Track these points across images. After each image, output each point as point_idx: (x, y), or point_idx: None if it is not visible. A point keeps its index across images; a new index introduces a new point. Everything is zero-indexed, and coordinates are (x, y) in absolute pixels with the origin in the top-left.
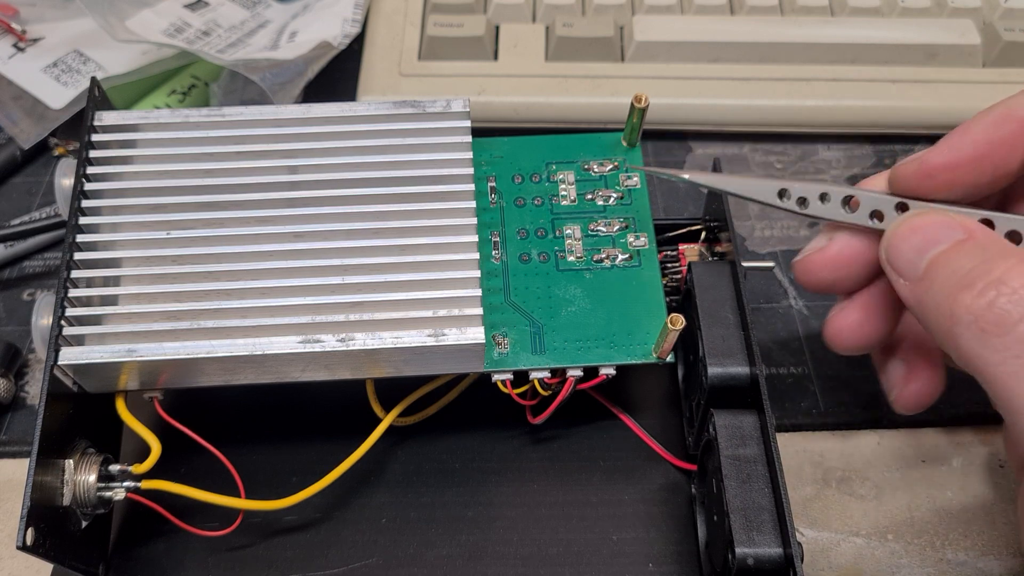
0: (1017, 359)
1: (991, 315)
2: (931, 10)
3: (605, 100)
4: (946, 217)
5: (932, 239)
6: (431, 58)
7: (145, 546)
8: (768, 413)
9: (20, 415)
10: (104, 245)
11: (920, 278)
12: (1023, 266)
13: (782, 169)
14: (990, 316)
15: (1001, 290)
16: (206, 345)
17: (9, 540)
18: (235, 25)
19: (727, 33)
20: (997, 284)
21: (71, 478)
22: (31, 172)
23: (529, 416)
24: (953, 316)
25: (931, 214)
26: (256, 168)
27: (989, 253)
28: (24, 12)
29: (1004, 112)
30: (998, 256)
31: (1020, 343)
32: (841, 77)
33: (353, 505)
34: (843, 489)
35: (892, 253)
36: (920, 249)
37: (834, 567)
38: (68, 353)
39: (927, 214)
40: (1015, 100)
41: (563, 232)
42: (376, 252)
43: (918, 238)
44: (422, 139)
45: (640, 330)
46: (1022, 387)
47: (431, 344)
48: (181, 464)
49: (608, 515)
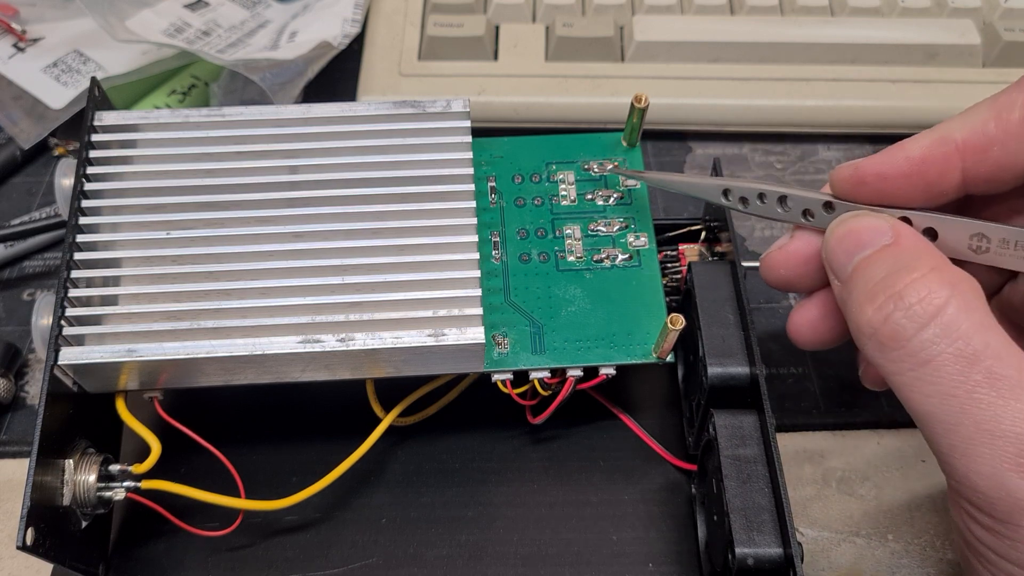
0: (912, 371)
1: (887, 329)
2: (931, 10)
3: (605, 100)
4: (879, 221)
5: (861, 242)
6: (431, 58)
7: (145, 546)
8: (768, 413)
9: (20, 415)
10: (104, 245)
11: (846, 281)
12: (927, 279)
13: (782, 169)
14: (886, 330)
15: (898, 304)
16: (206, 345)
17: (9, 540)
18: (235, 25)
19: (727, 33)
20: (895, 299)
21: (71, 478)
22: (31, 172)
23: (529, 416)
24: (858, 326)
25: (866, 217)
26: (256, 168)
27: (900, 263)
28: (24, 12)
29: (942, 135)
30: (905, 268)
31: (913, 357)
32: (841, 77)
33: (353, 505)
34: (843, 489)
35: (828, 254)
36: (850, 252)
37: (834, 567)
38: (68, 353)
39: (863, 216)
40: (954, 124)
41: (563, 232)
42: (376, 252)
43: (850, 241)
44: (422, 139)
45: (640, 330)
46: (917, 396)
47: (431, 344)
48: (181, 464)
49: (608, 515)
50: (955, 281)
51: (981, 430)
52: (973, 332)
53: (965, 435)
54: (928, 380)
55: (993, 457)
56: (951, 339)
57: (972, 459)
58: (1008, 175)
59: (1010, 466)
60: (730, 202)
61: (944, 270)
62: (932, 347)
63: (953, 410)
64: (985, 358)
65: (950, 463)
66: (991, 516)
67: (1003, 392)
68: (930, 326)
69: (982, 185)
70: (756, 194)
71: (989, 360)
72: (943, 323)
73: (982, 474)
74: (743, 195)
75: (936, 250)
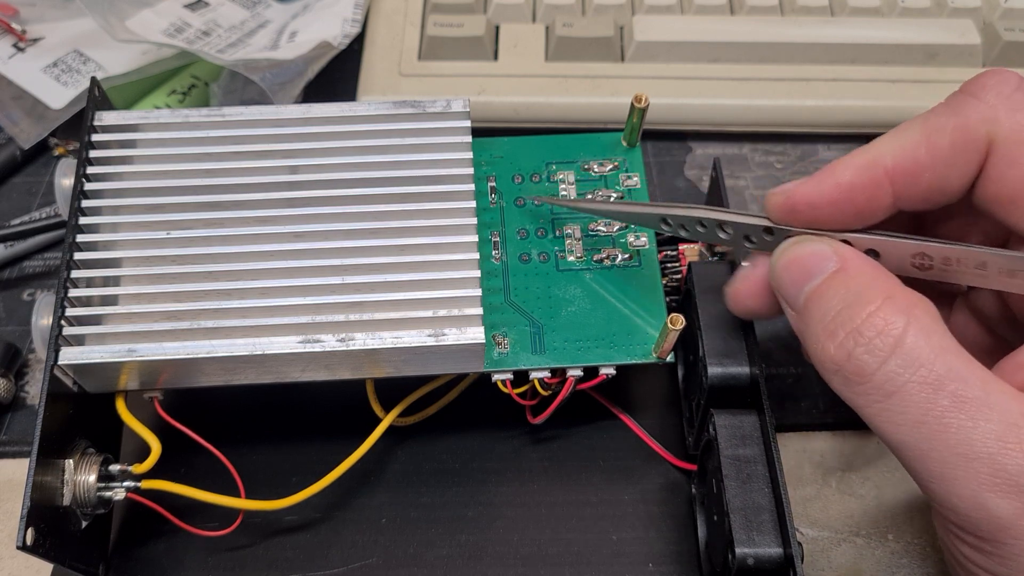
0: (879, 403)
1: (851, 366)
2: (931, 10)
3: (605, 100)
4: (822, 247)
5: (807, 271)
6: (431, 58)
7: (145, 546)
8: (768, 413)
9: (20, 415)
10: (104, 245)
11: (800, 312)
12: (882, 310)
13: (782, 169)
14: (850, 367)
15: (858, 341)
16: (206, 345)
17: (9, 540)
18: (235, 25)
19: (727, 33)
20: (855, 335)
21: (71, 478)
22: (31, 172)
23: (529, 416)
24: (821, 363)
25: (808, 243)
26: (256, 168)
27: (853, 295)
28: (24, 12)
29: (872, 158)
30: (859, 301)
31: (879, 389)
32: (841, 77)
33: (353, 505)
34: (843, 489)
35: (776, 283)
36: (798, 282)
37: (834, 567)
38: (68, 353)
39: (805, 243)
40: (884, 147)
41: (563, 232)
42: (376, 252)
43: (796, 270)
44: (422, 139)
45: (640, 330)
46: (887, 426)
47: (431, 344)
48: (181, 464)
49: (608, 515)
50: (910, 307)
51: (955, 454)
52: (934, 358)
53: (940, 460)
54: (896, 410)
55: (969, 480)
56: (913, 368)
57: (950, 483)
58: (941, 197)
59: (987, 487)
60: (670, 228)
61: (898, 297)
62: (897, 378)
63: (925, 437)
64: (949, 382)
65: (929, 488)
66: (976, 536)
67: (971, 414)
68: (892, 358)
69: (913, 206)
70: (695, 221)
71: (953, 384)
72: (904, 353)
73: (962, 497)
74: (682, 223)
75: (885, 273)
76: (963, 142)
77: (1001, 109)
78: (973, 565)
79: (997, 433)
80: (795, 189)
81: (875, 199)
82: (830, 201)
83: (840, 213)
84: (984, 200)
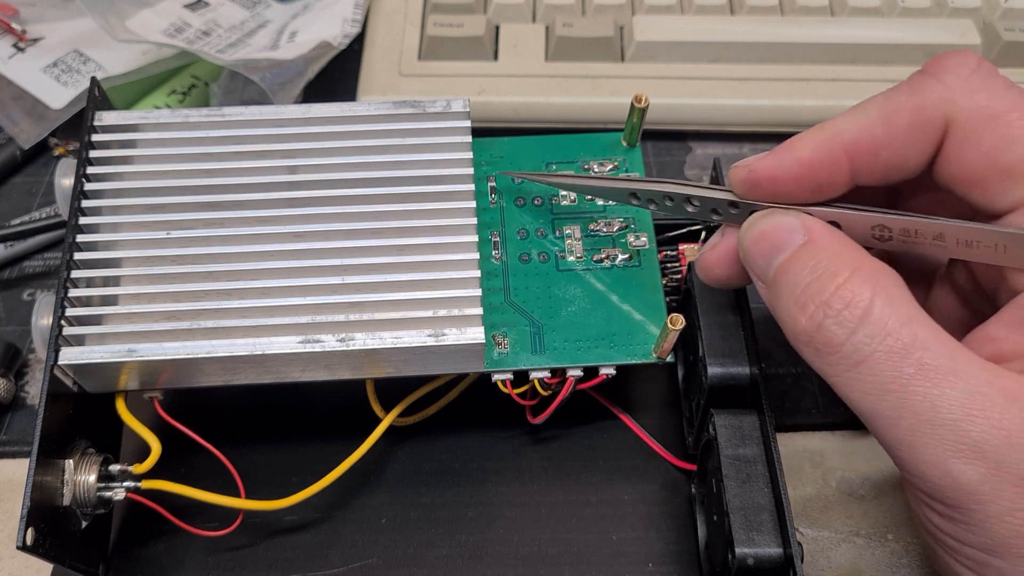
0: (848, 372)
1: (821, 337)
2: (931, 10)
3: (605, 100)
4: (788, 219)
5: (777, 244)
6: (431, 58)
7: (145, 546)
8: (768, 413)
9: (20, 415)
10: (104, 245)
11: (770, 285)
12: (850, 282)
13: None
14: (820, 338)
15: (827, 312)
16: (206, 345)
17: (9, 540)
18: (235, 25)
19: (727, 33)
20: (824, 307)
21: (71, 478)
22: (31, 172)
23: (529, 416)
24: (793, 333)
25: (775, 215)
26: (256, 168)
27: (822, 266)
28: (24, 12)
29: (831, 135)
30: (827, 272)
31: (847, 359)
32: (841, 77)
33: (353, 505)
34: (843, 489)
35: (745, 256)
36: (767, 255)
37: (834, 567)
38: (68, 353)
39: (772, 215)
40: (844, 123)
41: (563, 232)
42: (376, 252)
43: (765, 243)
44: (422, 139)
45: (640, 330)
46: (856, 395)
47: (431, 344)
48: (181, 464)
49: (608, 515)
50: (876, 278)
51: (921, 421)
52: (900, 326)
53: (907, 427)
54: (864, 379)
55: (935, 446)
56: (880, 337)
57: (917, 450)
58: (898, 174)
59: (952, 453)
60: (639, 202)
61: (864, 268)
62: (864, 347)
63: (892, 404)
64: (915, 350)
65: (898, 455)
66: (943, 503)
67: (937, 381)
68: (860, 328)
69: (872, 182)
70: (663, 195)
71: (919, 352)
72: (871, 322)
73: (928, 463)
74: (651, 197)
75: (852, 243)
76: (920, 122)
77: (959, 90)
78: (942, 533)
79: (962, 401)
80: (756, 163)
81: (833, 174)
82: (790, 176)
83: (800, 187)
84: (943, 178)
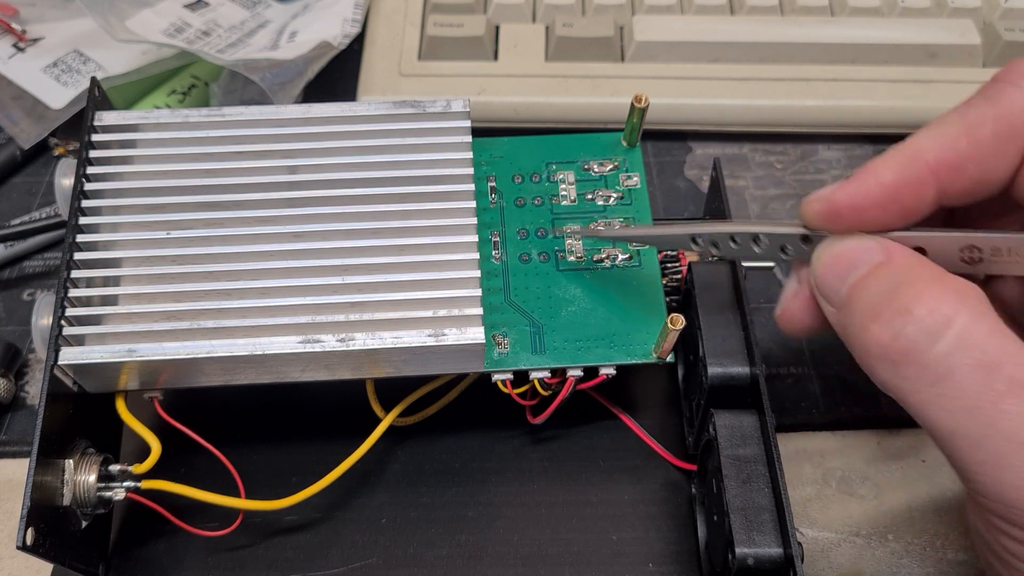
0: (930, 387)
1: (898, 346)
2: (931, 10)
3: (605, 100)
4: (866, 241)
5: (852, 264)
6: (431, 58)
7: (145, 546)
8: (768, 413)
9: (20, 415)
10: (104, 245)
11: (842, 306)
12: (930, 290)
13: (782, 169)
14: (897, 347)
15: (907, 319)
16: (206, 345)
17: (9, 540)
18: (235, 25)
19: (727, 33)
20: (903, 313)
21: (71, 478)
22: (31, 172)
23: (529, 416)
24: (865, 348)
25: (852, 238)
26: (256, 168)
27: (899, 278)
28: (24, 12)
29: (912, 154)
30: (905, 282)
31: (929, 372)
32: (841, 77)
33: (353, 505)
34: (843, 489)
35: (818, 280)
36: (841, 276)
37: (834, 567)
38: (68, 353)
39: (849, 239)
40: (924, 141)
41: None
42: (376, 252)
43: (840, 264)
44: (422, 139)
45: (640, 330)
46: (937, 413)
47: (431, 344)
48: (181, 464)
49: (608, 515)
50: (960, 290)
51: (1011, 442)
52: (988, 340)
53: (993, 449)
54: (948, 395)
55: None
56: (967, 349)
57: (1003, 472)
58: (984, 189)
59: None
60: (700, 247)
61: (946, 281)
62: (949, 359)
63: (979, 423)
64: (1005, 365)
65: (978, 479)
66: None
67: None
68: (943, 338)
69: (958, 200)
70: (727, 236)
71: (1010, 367)
72: (956, 333)
73: (1016, 487)
74: (713, 240)
75: (932, 263)
76: (1006, 131)
77: None
78: (1020, 561)
79: None
80: (835, 194)
81: (920, 196)
82: (875, 202)
83: (885, 214)
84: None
